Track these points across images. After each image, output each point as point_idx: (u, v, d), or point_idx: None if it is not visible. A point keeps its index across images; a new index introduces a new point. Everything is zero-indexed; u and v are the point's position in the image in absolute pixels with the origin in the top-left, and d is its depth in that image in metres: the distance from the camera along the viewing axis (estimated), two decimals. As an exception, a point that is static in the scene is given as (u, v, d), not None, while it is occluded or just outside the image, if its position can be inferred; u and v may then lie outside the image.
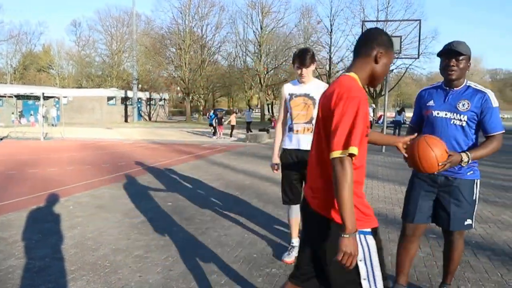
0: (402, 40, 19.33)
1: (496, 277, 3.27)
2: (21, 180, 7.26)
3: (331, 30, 39.02)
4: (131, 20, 40.82)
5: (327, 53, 39.70)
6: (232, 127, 19.30)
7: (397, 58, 23.44)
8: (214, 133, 18.92)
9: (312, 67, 3.35)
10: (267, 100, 44.77)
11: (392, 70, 35.42)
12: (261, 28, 38.66)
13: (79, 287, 2.94)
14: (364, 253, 1.71)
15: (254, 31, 39.30)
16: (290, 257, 3.50)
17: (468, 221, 2.60)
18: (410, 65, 35.84)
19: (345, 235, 1.57)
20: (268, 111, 46.12)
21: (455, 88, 2.52)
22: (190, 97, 39.90)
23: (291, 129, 3.42)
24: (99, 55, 51.26)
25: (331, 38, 39.21)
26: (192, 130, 21.35)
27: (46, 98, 23.26)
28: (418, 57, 18.22)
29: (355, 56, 1.85)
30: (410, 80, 53.92)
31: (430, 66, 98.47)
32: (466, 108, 2.46)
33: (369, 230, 1.73)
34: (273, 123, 21.92)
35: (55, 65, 54.16)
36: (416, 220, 2.67)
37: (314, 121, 3.20)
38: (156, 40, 40.03)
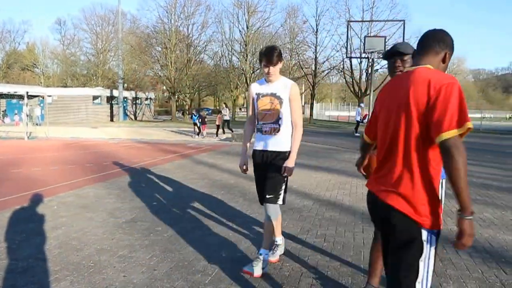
0: (386, 40, 19.60)
1: (477, 274, 3.34)
2: (4, 180, 7.14)
3: (317, 30, 39.22)
4: (116, 19, 40.45)
5: (313, 52, 39.90)
6: (218, 127, 19.29)
7: (382, 58, 23.68)
8: (198, 133, 18.88)
9: (280, 65, 3.26)
10: (253, 99, 44.76)
11: (377, 69, 35.77)
12: (247, 28, 38.64)
13: (63, 287, 2.93)
14: (427, 253, 1.70)
15: (240, 31, 39.28)
16: (275, 256, 3.48)
17: None
18: (394, 65, 36.19)
19: (468, 217, 1.61)
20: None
21: None
22: (176, 96, 39.68)
23: (259, 130, 3.34)
24: (84, 54, 50.69)
25: (316, 38, 39.42)
26: (178, 129, 21.24)
27: (30, 97, 22.88)
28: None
29: (422, 53, 1.88)
30: (395, 80, 54.37)
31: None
32: None
33: (438, 230, 1.73)
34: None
35: (40, 64, 53.30)
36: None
37: (281, 121, 3.23)
38: (142, 39, 39.69)
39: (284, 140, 3.27)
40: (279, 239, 3.56)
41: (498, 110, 75.61)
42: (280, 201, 3.32)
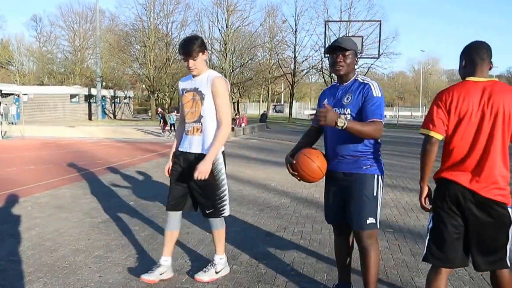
0: (364, 40, 19.87)
1: (445, 267, 3.48)
2: (-25, 181, 6.96)
3: (296, 29, 39.52)
4: (94, 16, 39.68)
5: (292, 52, 40.21)
6: (171, 126, 18.97)
7: (360, 57, 24.07)
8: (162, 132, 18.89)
9: (203, 56, 2.89)
10: (233, 98, 44.74)
11: (355, 69, 36.27)
12: (226, 27, 38.53)
13: (36, 289, 2.89)
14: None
15: (219, 30, 39.13)
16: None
17: (371, 220, 2.46)
18: (372, 64, 36.84)
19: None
20: (234, 109, 46.12)
21: (344, 83, 2.54)
22: (156, 95, 39.29)
23: (184, 130, 3.05)
24: (61, 51, 49.54)
25: (295, 38, 39.71)
26: (156, 128, 21.05)
27: (5, 95, 22.29)
28: (379, 57, 18.83)
29: (482, 63, 2.19)
30: (372, 79, 55.25)
31: (391, 66, 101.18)
32: (349, 101, 2.46)
33: None
34: (237, 121, 21.90)
35: (15, 61, 51.72)
36: (331, 221, 2.69)
37: (204, 120, 2.90)
38: (121, 37, 39.11)
39: (208, 141, 2.91)
40: (219, 258, 3.12)
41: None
42: (226, 213, 3.03)
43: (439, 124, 2.16)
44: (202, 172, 2.78)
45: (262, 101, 58.27)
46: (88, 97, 36.37)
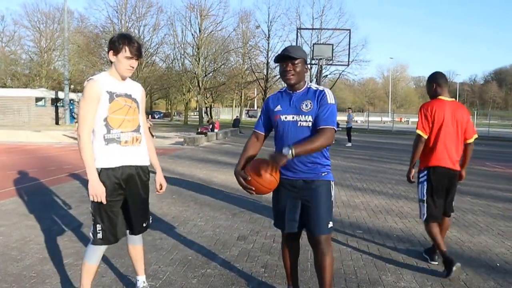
0: (334, 47, 20.32)
1: (412, 266, 3.64)
2: None
3: (269, 35, 39.88)
4: (62, 17, 38.66)
5: (265, 57, 40.52)
6: None
7: (330, 64, 24.53)
8: None
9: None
10: (205, 103, 44.59)
11: (326, 75, 36.92)
12: (199, 31, 38.42)
13: (2, 298, 2.81)
14: None
15: (192, 34, 38.97)
16: None
17: (330, 224, 2.54)
18: (342, 71, 37.62)
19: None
20: (207, 114, 45.94)
21: (297, 91, 2.54)
22: (127, 99, 38.56)
23: (113, 140, 2.55)
24: (26, 52, 47.81)
25: (268, 43, 40.06)
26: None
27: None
28: (349, 65, 19.27)
29: (446, 88, 3.67)
30: (343, 86, 56.51)
31: (361, 73, 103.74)
32: (309, 108, 2.46)
33: None
34: (210, 126, 21.82)
35: (-25, 62, 49.68)
36: (287, 229, 2.64)
37: (142, 129, 2.70)
38: (90, 39, 38.25)
39: (146, 151, 2.79)
40: (144, 278, 2.92)
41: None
42: (149, 223, 2.88)
43: (426, 128, 3.56)
44: (164, 183, 2.87)
45: (235, 106, 58.31)
46: (55, 101, 35.28)
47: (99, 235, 2.56)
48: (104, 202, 2.50)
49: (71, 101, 35.85)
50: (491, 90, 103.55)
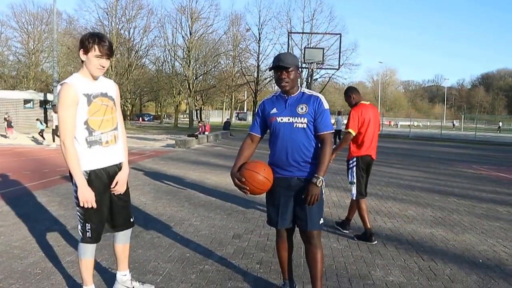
0: (325, 51, 20.60)
1: (400, 262, 3.82)
2: None
3: (259, 38, 40.16)
4: (51, 18, 38.41)
5: (255, 60, 40.78)
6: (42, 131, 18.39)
7: (321, 68, 24.81)
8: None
9: None
10: (195, 105, 44.61)
11: (316, 79, 37.25)
12: (190, 34, 38.50)
13: (10, 294, 2.92)
14: None
15: (183, 36, 39.06)
16: None
17: (321, 220, 2.73)
18: (332, 74, 38.01)
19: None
20: (197, 116, 45.96)
21: (292, 95, 2.74)
22: (117, 101, 38.39)
23: (95, 142, 2.58)
24: (14, 54, 47.30)
25: (259, 46, 40.33)
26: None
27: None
28: (339, 68, 19.60)
29: (360, 94, 4.78)
30: (333, 89, 56.92)
31: (351, 76, 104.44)
32: (305, 111, 2.67)
33: None
34: (200, 129, 21.89)
35: (-39, 63, 48.95)
36: (280, 226, 2.79)
37: (119, 125, 2.74)
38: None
39: (122, 147, 2.81)
40: (128, 273, 3.00)
41: (424, 118, 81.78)
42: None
43: (356, 127, 4.46)
44: (122, 181, 2.77)
45: (225, 109, 58.40)
46: (44, 103, 34.98)
47: (88, 234, 2.65)
48: (95, 206, 2.57)
49: (60, 103, 35.46)
50: (478, 94, 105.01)
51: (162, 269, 3.45)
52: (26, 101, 33.38)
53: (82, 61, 2.56)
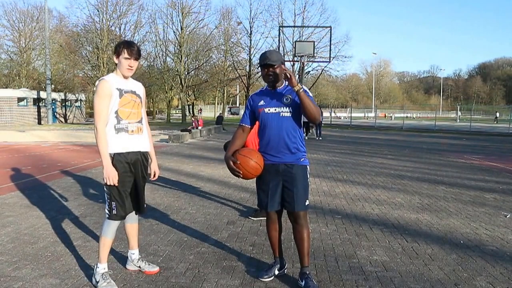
0: (316, 44, 20.88)
1: (385, 244, 4.11)
2: None
3: (251, 32, 40.26)
4: (41, 16, 38.22)
5: (247, 54, 40.89)
6: None
7: (312, 61, 25.11)
8: None
9: None
10: (188, 101, 44.72)
11: (309, 72, 37.46)
12: (181, 29, 38.51)
13: (25, 274, 3.19)
14: None
15: (174, 31, 39.05)
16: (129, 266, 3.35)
17: (307, 202, 3.04)
18: (325, 67, 38.19)
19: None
20: (189, 111, 46.06)
21: (278, 88, 3.06)
22: (109, 97, 38.31)
23: (122, 129, 3.01)
24: (5, 52, 47.02)
25: (250, 40, 40.44)
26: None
27: None
28: (330, 61, 19.87)
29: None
30: (326, 82, 57.19)
31: (344, 68, 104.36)
32: (289, 102, 2.99)
33: None
34: (193, 124, 22.11)
35: (-50, 62, 48.47)
36: (269, 209, 3.08)
37: (144, 121, 3.18)
38: (71, 38, 37.93)
39: (147, 139, 3.24)
40: (137, 252, 3.38)
41: (420, 110, 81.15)
42: None
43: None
44: (157, 171, 3.37)
45: (218, 103, 58.53)
46: (37, 101, 34.95)
47: (114, 211, 3.01)
48: (117, 184, 2.96)
49: (53, 101, 35.56)
50: (476, 84, 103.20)
51: (162, 252, 3.74)
52: (20, 99, 33.33)
53: (116, 64, 3.08)
